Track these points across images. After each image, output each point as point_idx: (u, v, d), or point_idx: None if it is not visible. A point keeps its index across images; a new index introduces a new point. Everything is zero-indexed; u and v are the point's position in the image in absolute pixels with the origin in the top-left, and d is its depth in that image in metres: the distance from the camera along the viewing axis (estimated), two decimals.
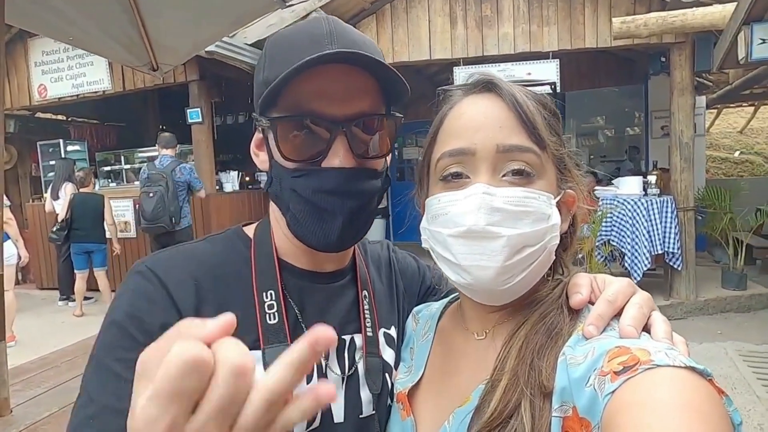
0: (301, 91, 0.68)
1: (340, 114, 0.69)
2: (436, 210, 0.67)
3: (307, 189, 0.70)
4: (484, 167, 0.64)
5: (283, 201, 0.74)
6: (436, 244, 0.69)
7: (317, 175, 0.70)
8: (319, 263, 0.80)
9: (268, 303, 0.74)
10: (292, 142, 0.70)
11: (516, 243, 0.62)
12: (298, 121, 0.69)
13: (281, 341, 0.71)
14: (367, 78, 0.71)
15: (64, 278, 6.88)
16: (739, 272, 5.87)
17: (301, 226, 0.72)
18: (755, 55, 4.08)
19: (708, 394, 0.45)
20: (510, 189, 0.63)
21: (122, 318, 0.65)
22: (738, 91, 8.63)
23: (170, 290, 0.68)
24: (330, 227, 0.71)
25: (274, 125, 0.70)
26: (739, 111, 13.96)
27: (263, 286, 0.75)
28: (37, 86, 7.43)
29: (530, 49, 5.85)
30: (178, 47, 3.02)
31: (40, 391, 1.89)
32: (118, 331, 0.64)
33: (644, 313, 0.59)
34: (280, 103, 0.70)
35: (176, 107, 7.64)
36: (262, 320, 0.72)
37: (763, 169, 12.81)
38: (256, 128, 0.77)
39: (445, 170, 0.67)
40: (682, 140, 5.58)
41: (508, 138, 0.64)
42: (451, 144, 0.67)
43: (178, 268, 0.71)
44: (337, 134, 0.69)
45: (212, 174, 6.99)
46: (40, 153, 9.05)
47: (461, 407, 0.65)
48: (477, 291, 0.66)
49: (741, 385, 3.84)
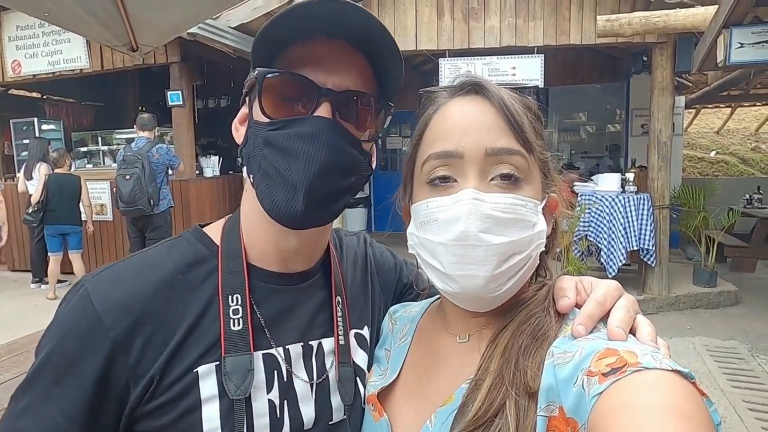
0: (294, 58, 0.68)
1: (331, 84, 0.68)
2: (425, 216, 0.66)
3: (280, 136, 0.67)
4: (472, 171, 0.63)
5: (254, 160, 0.70)
6: (423, 251, 0.67)
7: (294, 122, 0.67)
8: (287, 262, 0.77)
9: (233, 308, 0.70)
10: (275, 100, 0.69)
11: (505, 251, 0.62)
12: (287, 80, 0.68)
13: (244, 350, 0.69)
14: (361, 58, 0.70)
15: (37, 260, 6.71)
16: (710, 270, 6.02)
17: (269, 184, 0.68)
18: (733, 58, 4.17)
19: (693, 397, 0.46)
20: (499, 195, 0.62)
21: (50, 356, 0.66)
22: (716, 93, 8.83)
23: (104, 321, 0.65)
24: (299, 181, 0.66)
25: (261, 77, 0.68)
26: (716, 112, 14.29)
27: (229, 289, 0.71)
28: (10, 62, 7.18)
29: (516, 43, 5.86)
30: (159, 27, 2.94)
31: (9, 377, 1.85)
32: (47, 368, 0.65)
33: (631, 315, 0.59)
34: (274, 62, 0.69)
35: (157, 88, 7.49)
36: (226, 326, 0.69)
37: (737, 169, 13.15)
38: (243, 102, 0.75)
39: (431, 173, 0.66)
40: (661, 139, 5.68)
41: (497, 141, 0.64)
42: (438, 146, 0.66)
43: (122, 289, 0.68)
44: (323, 100, 0.67)
45: (192, 158, 6.86)
46: (13, 131, 8.77)
47: (443, 407, 0.65)
48: (464, 299, 0.66)
49: (707, 378, 3.97)
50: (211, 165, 7.57)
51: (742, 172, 13.01)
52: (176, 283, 0.70)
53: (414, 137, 0.72)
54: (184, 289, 0.71)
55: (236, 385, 0.67)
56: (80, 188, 6.16)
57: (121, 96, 10.13)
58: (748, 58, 4.14)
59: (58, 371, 0.65)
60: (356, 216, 9.16)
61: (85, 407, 0.64)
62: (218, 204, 7.03)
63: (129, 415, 0.66)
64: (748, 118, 14.57)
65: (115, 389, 0.65)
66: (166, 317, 0.68)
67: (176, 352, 0.67)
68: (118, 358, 0.65)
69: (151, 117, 5.76)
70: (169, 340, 0.67)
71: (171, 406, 0.66)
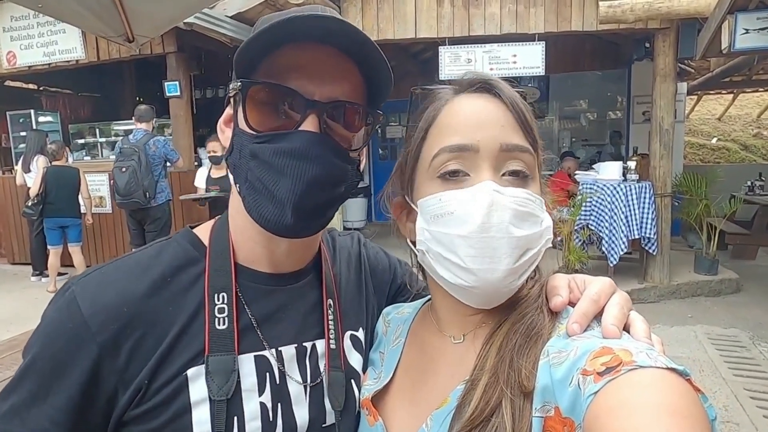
0: (282, 64, 0.66)
1: (318, 95, 0.66)
2: (438, 209, 0.64)
3: (267, 151, 0.65)
4: (486, 165, 0.63)
5: (241, 171, 0.68)
6: (437, 245, 0.65)
7: (281, 137, 0.66)
8: (277, 263, 0.76)
9: (218, 306, 0.69)
10: (260, 111, 0.67)
11: (523, 245, 0.62)
12: (272, 92, 0.66)
13: (228, 350, 0.68)
14: (351, 66, 0.68)
15: (37, 253, 6.71)
16: (711, 258, 6.02)
17: (257, 197, 0.67)
18: (738, 45, 4.12)
19: (688, 395, 0.46)
20: (514, 189, 0.63)
21: (35, 360, 0.65)
22: (718, 79, 8.76)
23: (90, 325, 0.64)
24: (286, 198, 0.65)
25: (245, 89, 0.66)
26: (718, 98, 14.20)
27: (215, 287, 0.71)
28: (5, 53, 7.10)
29: (516, 30, 5.79)
30: (156, 18, 2.90)
31: (10, 375, 1.84)
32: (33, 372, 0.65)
33: (625, 313, 0.59)
34: (258, 70, 0.67)
35: (154, 79, 7.42)
36: (211, 325, 0.68)
37: (739, 156, 13.10)
38: (228, 103, 0.73)
39: (442, 167, 0.65)
40: (663, 126, 5.64)
41: (510, 137, 0.64)
42: (451, 140, 0.65)
43: (110, 293, 0.66)
44: (310, 113, 0.65)
45: (191, 150, 6.81)
46: (10, 123, 8.72)
47: (439, 409, 0.64)
48: (474, 294, 0.64)
49: (708, 367, 3.98)
50: None
51: (744, 159, 12.96)
52: (166, 285, 0.69)
53: (418, 131, 0.70)
54: (174, 291, 0.70)
55: (218, 385, 0.66)
56: (79, 180, 6.13)
57: (118, 87, 10.06)
58: (754, 44, 4.10)
59: (44, 375, 0.64)
60: (356, 206, 9.14)
61: (72, 411, 0.63)
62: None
63: (118, 419, 0.66)
64: (750, 104, 14.48)
65: (102, 394, 0.65)
66: (155, 321, 0.67)
67: (166, 355, 0.66)
68: (105, 363, 0.64)
69: (148, 108, 5.69)
70: (159, 344, 0.66)
71: (161, 409, 0.65)
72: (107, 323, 0.65)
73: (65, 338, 0.64)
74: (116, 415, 0.65)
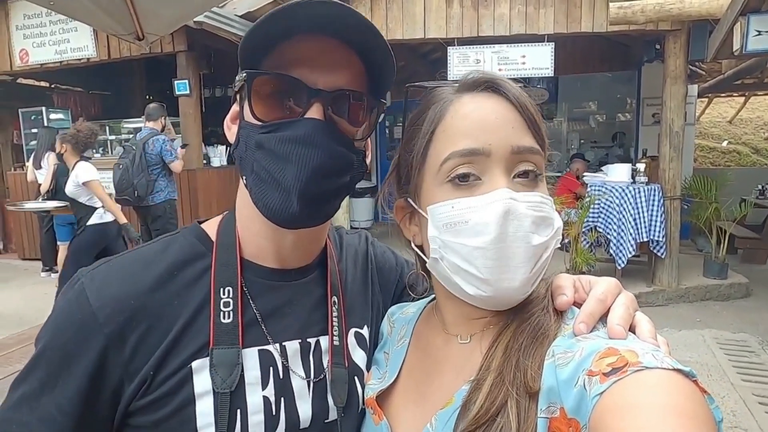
0: (285, 56, 0.67)
1: (322, 83, 0.67)
2: (450, 218, 0.63)
3: (272, 140, 0.66)
4: (498, 169, 0.62)
5: (247, 162, 0.69)
6: (453, 255, 0.63)
7: (286, 125, 0.66)
8: (284, 258, 0.77)
9: (224, 300, 0.70)
10: (265, 102, 0.67)
11: (538, 251, 0.62)
12: (277, 82, 0.67)
13: (232, 343, 0.69)
14: (353, 55, 0.69)
15: (47, 249, 6.77)
16: (721, 262, 5.96)
17: (263, 187, 0.67)
18: (750, 46, 4.07)
19: (694, 396, 0.46)
20: (527, 194, 0.62)
21: (45, 350, 0.67)
22: (730, 81, 8.66)
23: (98, 316, 0.66)
24: (292, 185, 0.65)
25: (250, 80, 0.67)
26: (729, 101, 14.06)
27: (221, 281, 0.72)
28: (18, 51, 7.19)
29: (526, 31, 5.76)
30: (166, 16, 2.92)
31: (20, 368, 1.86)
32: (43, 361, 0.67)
33: (630, 313, 0.59)
34: (262, 64, 0.68)
35: (164, 77, 7.46)
36: (216, 318, 0.69)
37: (749, 159, 12.97)
38: (234, 100, 0.74)
39: (452, 171, 0.63)
40: (673, 129, 5.59)
41: (521, 139, 0.63)
42: (461, 144, 0.63)
43: (118, 285, 0.68)
44: (314, 101, 0.66)
45: (200, 148, 6.85)
46: (22, 120, 8.80)
47: (443, 409, 0.64)
48: (491, 302, 0.64)
49: (716, 372, 3.94)
50: (218, 154, 7.56)
51: (755, 163, 12.82)
52: (172, 279, 0.71)
53: (423, 134, 0.68)
54: (181, 285, 0.71)
55: (222, 378, 0.68)
56: None
57: (129, 85, 10.13)
58: (766, 46, 4.05)
59: (52, 365, 0.66)
60: (363, 206, 9.14)
61: (80, 401, 0.65)
62: (225, 193, 7.02)
63: (124, 409, 0.67)
64: (761, 107, 14.33)
65: (109, 384, 0.66)
66: (161, 314, 0.68)
67: (171, 348, 0.67)
68: (111, 354, 0.66)
69: (156, 106, 5.69)
70: (165, 337, 0.67)
71: (165, 400, 0.66)
72: (114, 315, 0.66)
73: (74, 329, 0.66)
74: (122, 406, 0.67)
